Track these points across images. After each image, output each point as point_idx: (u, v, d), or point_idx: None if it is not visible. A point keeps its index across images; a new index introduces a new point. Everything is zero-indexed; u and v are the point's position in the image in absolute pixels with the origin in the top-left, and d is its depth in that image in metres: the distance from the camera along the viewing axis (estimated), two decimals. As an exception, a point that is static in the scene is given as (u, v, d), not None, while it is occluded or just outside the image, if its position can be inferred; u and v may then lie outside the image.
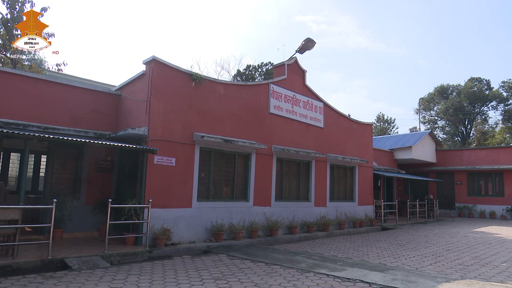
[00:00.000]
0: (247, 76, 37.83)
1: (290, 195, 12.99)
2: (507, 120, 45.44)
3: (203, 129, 10.21)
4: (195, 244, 9.25)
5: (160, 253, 8.32)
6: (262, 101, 12.12)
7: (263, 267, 7.30)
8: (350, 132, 15.90)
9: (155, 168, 9.11)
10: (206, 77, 10.76)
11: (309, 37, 13.89)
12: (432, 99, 50.01)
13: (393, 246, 10.82)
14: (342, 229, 13.82)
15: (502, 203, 22.22)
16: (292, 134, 12.99)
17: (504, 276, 7.11)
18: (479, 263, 8.35)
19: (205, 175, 10.40)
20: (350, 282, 6.21)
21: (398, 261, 8.45)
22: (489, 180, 23.25)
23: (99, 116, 10.34)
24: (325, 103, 14.65)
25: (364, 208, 15.96)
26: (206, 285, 5.87)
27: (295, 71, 13.67)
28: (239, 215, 10.79)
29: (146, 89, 9.41)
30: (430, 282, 6.25)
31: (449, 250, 10.15)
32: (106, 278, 6.07)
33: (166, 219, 9.05)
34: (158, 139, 9.17)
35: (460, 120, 47.72)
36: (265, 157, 11.92)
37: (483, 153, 24.20)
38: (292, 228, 12.01)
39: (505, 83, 45.56)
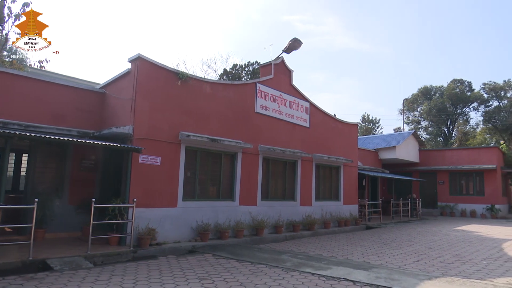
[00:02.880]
0: (234, 76, 37.77)
1: (276, 194, 13.03)
2: (487, 121, 46.56)
3: (189, 128, 10.15)
4: (181, 244, 9.20)
5: (145, 253, 8.24)
6: (249, 100, 12.13)
7: (248, 266, 7.31)
8: (336, 132, 16.05)
9: (140, 167, 9.01)
10: (192, 76, 10.71)
11: (296, 37, 13.96)
12: (416, 100, 50.88)
13: (377, 244, 10.97)
14: (327, 228, 13.93)
15: (482, 202, 22.78)
16: (278, 133, 13.03)
17: (484, 273, 7.29)
18: (460, 261, 8.54)
19: (191, 174, 10.34)
20: (335, 281, 6.27)
21: (381, 259, 8.58)
22: (470, 179, 23.81)
23: (83, 114, 10.17)
24: (311, 103, 14.74)
25: (349, 207, 16.13)
26: (191, 285, 5.84)
27: (282, 71, 13.72)
28: (225, 215, 10.77)
29: (131, 87, 9.29)
30: (413, 280, 6.36)
31: (431, 248, 10.35)
32: (89, 279, 5.98)
33: (151, 219, 8.96)
34: (143, 138, 9.08)
35: (443, 121, 48.69)
36: (251, 157, 11.93)
37: (465, 153, 24.75)
38: (278, 228, 12.05)
39: (486, 85, 46.67)
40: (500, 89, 45.68)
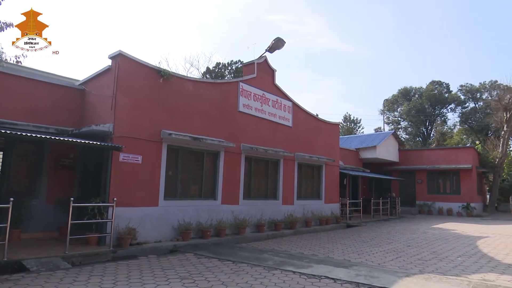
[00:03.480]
0: (217, 74, 37.60)
1: (258, 193, 13.05)
2: (464, 122, 47.91)
3: (171, 126, 10.05)
4: (162, 244, 9.10)
5: (125, 253, 8.11)
6: (232, 99, 12.10)
7: (230, 265, 7.30)
8: (318, 132, 16.19)
9: (121, 166, 8.87)
10: (174, 73, 10.60)
11: (279, 37, 14.01)
12: (396, 100, 51.87)
13: (357, 242, 11.14)
14: (309, 226, 14.05)
15: (458, 200, 23.43)
16: (261, 132, 13.05)
17: (459, 269, 7.50)
18: (436, 258, 8.76)
19: (172, 173, 10.25)
20: (316, 279, 6.34)
21: (362, 257, 8.71)
22: (447, 179, 24.45)
23: (61, 111, 9.92)
24: (294, 103, 14.83)
25: (330, 206, 16.32)
26: (172, 284, 5.79)
27: (265, 70, 13.74)
28: (207, 214, 10.72)
29: (111, 84, 9.13)
30: (392, 277, 6.49)
31: (410, 246, 10.58)
32: (67, 279, 5.85)
33: (132, 218, 8.83)
34: (123, 136, 8.93)
35: (422, 121, 49.82)
36: (233, 156, 11.91)
37: (442, 153, 25.41)
38: (260, 226, 12.08)
39: (463, 87, 47.99)
40: (476, 91, 47.06)
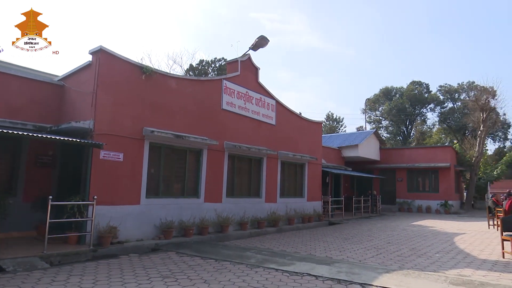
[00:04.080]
0: (200, 71, 37.35)
1: (242, 191, 13.05)
2: (442, 122, 49.10)
3: (153, 123, 9.92)
4: (143, 242, 9.00)
5: (106, 252, 7.98)
6: (215, 97, 12.04)
7: (213, 263, 7.28)
8: (301, 130, 16.29)
9: (101, 163, 8.71)
10: (157, 70, 10.47)
11: (263, 35, 14.00)
12: (377, 100, 52.70)
13: (339, 240, 11.28)
14: (291, 224, 14.14)
15: (437, 198, 24.01)
16: (244, 130, 13.04)
17: (437, 265, 7.69)
18: (415, 254, 8.96)
19: (155, 171, 10.13)
20: (298, 276, 6.39)
21: (343, 254, 8.83)
22: (427, 177, 25.01)
23: (39, 107, 9.66)
24: (277, 101, 14.87)
25: (312, 204, 16.46)
26: (154, 283, 5.74)
27: (248, 68, 13.73)
28: (189, 212, 10.65)
29: (92, 80, 8.94)
30: (372, 274, 6.60)
31: (390, 243, 10.78)
32: (44, 280, 5.72)
33: (113, 217, 8.69)
34: (104, 133, 8.76)
35: (402, 121, 50.78)
36: (217, 153, 11.86)
37: (422, 152, 25.98)
38: (242, 224, 12.09)
39: (442, 87, 49.16)
40: (454, 91, 48.28)
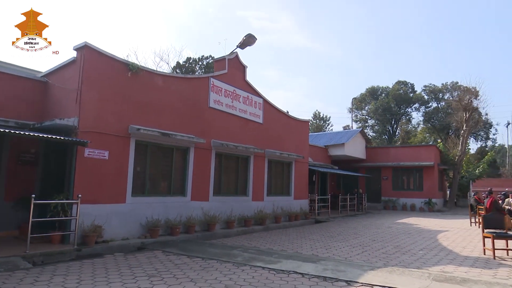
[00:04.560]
0: (187, 69, 37.09)
1: (229, 189, 13.03)
2: (427, 121, 49.93)
3: (139, 121, 9.82)
4: (129, 241, 8.91)
5: (90, 251, 7.87)
6: (202, 95, 11.98)
7: (199, 262, 7.26)
8: (288, 129, 16.34)
9: (86, 161, 8.57)
10: (143, 67, 10.36)
11: (250, 33, 14.00)
12: (363, 99, 53.26)
13: (325, 238, 11.37)
14: (278, 222, 14.19)
15: (421, 196, 24.43)
16: (231, 129, 13.01)
17: (421, 262, 7.83)
18: (400, 252, 9.10)
19: (141, 169, 10.03)
20: (285, 274, 6.42)
21: (329, 252, 8.91)
22: (411, 175, 25.40)
23: (22, 104, 9.44)
24: (264, 99, 14.88)
25: (299, 202, 16.54)
26: (140, 282, 5.69)
27: (236, 66, 13.69)
28: (176, 211, 10.58)
29: (76, 77, 8.79)
30: (357, 271, 6.68)
31: (375, 240, 10.92)
32: (27, 280, 5.61)
33: (98, 216, 8.57)
34: (89, 131, 8.63)
35: (388, 120, 51.44)
36: (204, 152, 11.81)
37: (406, 151, 26.38)
38: (229, 223, 12.07)
39: (427, 87, 49.98)
40: (438, 91, 49.13)
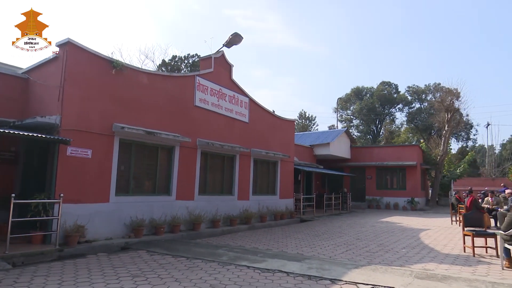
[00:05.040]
0: (173, 67, 36.81)
1: (214, 189, 12.99)
2: (410, 121, 50.78)
3: (124, 119, 9.68)
4: (112, 241, 8.78)
5: (72, 251, 7.73)
6: (188, 93, 11.90)
7: (184, 261, 7.21)
8: (274, 128, 16.38)
9: (69, 160, 8.41)
10: (128, 65, 10.22)
11: (237, 32, 13.97)
12: (349, 99, 53.82)
13: (310, 236, 11.45)
14: (263, 221, 14.22)
15: (404, 195, 24.85)
16: (217, 128, 12.97)
17: (403, 260, 7.97)
18: (383, 250, 9.23)
19: (125, 168, 9.90)
20: (270, 273, 6.44)
21: (314, 250, 8.97)
22: (395, 175, 25.81)
23: (1, 101, 9.18)
24: (250, 98, 14.87)
25: (285, 201, 16.61)
26: (123, 283, 5.62)
27: (222, 65, 13.65)
28: (161, 210, 10.49)
29: (59, 73, 8.61)
30: (342, 269, 6.75)
31: (359, 239, 11.05)
32: (6, 281, 5.47)
33: (80, 215, 8.43)
34: (72, 129, 8.47)
35: (372, 120, 52.10)
36: (189, 151, 11.74)
37: (390, 151, 26.78)
38: (215, 222, 12.03)
39: (410, 88, 50.82)
40: (422, 92, 50.02)
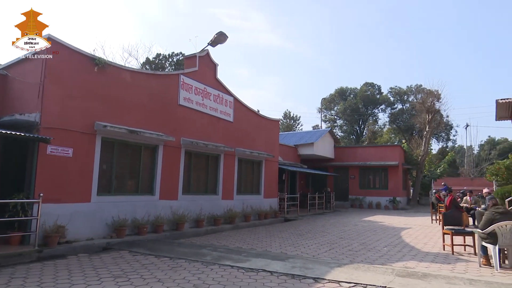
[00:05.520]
0: (157, 65, 36.45)
1: (198, 188, 12.92)
2: (392, 122, 51.63)
3: (106, 118, 9.53)
4: (94, 241, 8.64)
5: (52, 252, 7.57)
6: (172, 92, 11.79)
7: (167, 262, 7.15)
8: (258, 128, 16.40)
9: (49, 159, 8.22)
10: (111, 62, 10.06)
11: (222, 31, 13.88)
12: (332, 99, 54.34)
13: (294, 236, 11.52)
14: (248, 221, 14.23)
15: (386, 195, 25.26)
16: (201, 127, 12.90)
17: (385, 259, 8.10)
18: (365, 249, 9.37)
19: (107, 167, 9.74)
20: (253, 272, 6.44)
21: (297, 250, 9.03)
22: (377, 174, 26.21)
23: (-22, 98, 8.94)
24: (235, 98, 14.85)
25: (269, 201, 16.66)
26: (105, 284, 5.53)
27: (207, 64, 13.58)
28: (144, 210, 10.37)
29: (39, 70, 8.40)
30: (325, 268, 6.81)
31: (342, 238, 11.18)
32: (-17, 283, 5.32)
33: (61, 215, 8.24)
34: (52, 127, 8.28)
35: (355, 120, 52.77)
36: (173, 150, 11.64)
37: (373, 151, 27.18)
38: (199, 222, 11.97)
39: (392, 89, 51.66)
40: (404, 93, 50.91)
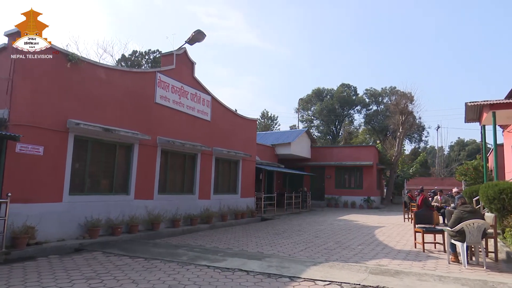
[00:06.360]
0: (133, 62, 35.81)
1: (175, 188, 12.77)
2: (368, 123, 52.73)
3: (79, 115, 9.27)
4: (66, 242, 8.39)
5: (21, 254, 7.30)
6: (148, 90, 11.60)
7: (142, 262, 7.03)
8: (236, 127, 16.38)
9: (18, 157, 7.93)
10: (85, 59, 9.79)
11: (200, 29, 13.81)
12: (310, 100, 54.96)
13: (270, 235, 11.57)
14: (224, 221, 14.19)
15: (361, 194, 25.77)
16: (178, 126, 12.76)
17: (359, 257, 8.26)
18: (340, 247, 9.52)
19: (80, 166, 9.48)
20: (230, 272, 6.43)
21: (274, 249, 9.08)
22: (352, 174, 26.69)
23: None
24: (213, 97, 14.77)
25: (246, 200, 16.67)
26: (77, 286, 5.38)
27: (184, 62, 13.44)
28: (118, 209, 10.16)
29: (7, 65, 8.08)
30: (300, 267, 6.88)
31: (318, 237, 11.32)
32: None
33: (30, 216, 7.96)
34: (22, 124, 7.99)
35: (332, 121, 53.56)
36: (149, 149, 11.46)
37: (348, 151, 27.65)
38: (175, 221, 11.84)
39: (368, 91, 52.78)
40: (378, 95, 52.10)
